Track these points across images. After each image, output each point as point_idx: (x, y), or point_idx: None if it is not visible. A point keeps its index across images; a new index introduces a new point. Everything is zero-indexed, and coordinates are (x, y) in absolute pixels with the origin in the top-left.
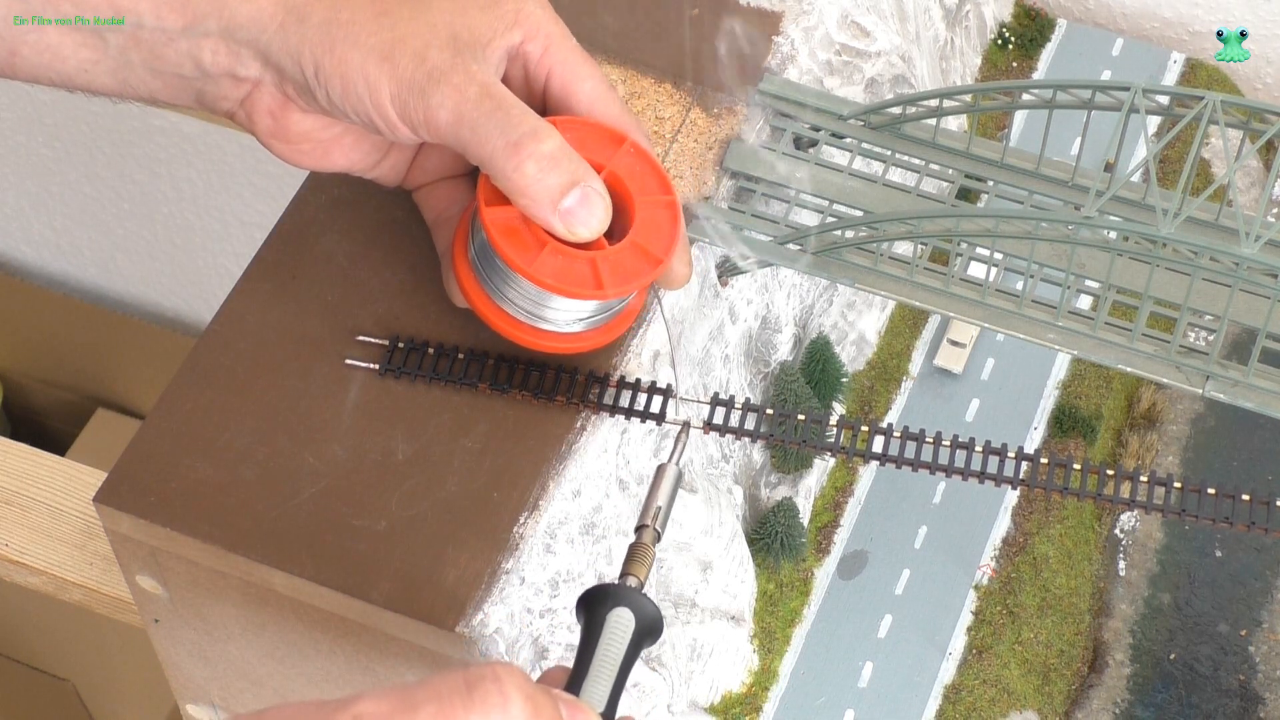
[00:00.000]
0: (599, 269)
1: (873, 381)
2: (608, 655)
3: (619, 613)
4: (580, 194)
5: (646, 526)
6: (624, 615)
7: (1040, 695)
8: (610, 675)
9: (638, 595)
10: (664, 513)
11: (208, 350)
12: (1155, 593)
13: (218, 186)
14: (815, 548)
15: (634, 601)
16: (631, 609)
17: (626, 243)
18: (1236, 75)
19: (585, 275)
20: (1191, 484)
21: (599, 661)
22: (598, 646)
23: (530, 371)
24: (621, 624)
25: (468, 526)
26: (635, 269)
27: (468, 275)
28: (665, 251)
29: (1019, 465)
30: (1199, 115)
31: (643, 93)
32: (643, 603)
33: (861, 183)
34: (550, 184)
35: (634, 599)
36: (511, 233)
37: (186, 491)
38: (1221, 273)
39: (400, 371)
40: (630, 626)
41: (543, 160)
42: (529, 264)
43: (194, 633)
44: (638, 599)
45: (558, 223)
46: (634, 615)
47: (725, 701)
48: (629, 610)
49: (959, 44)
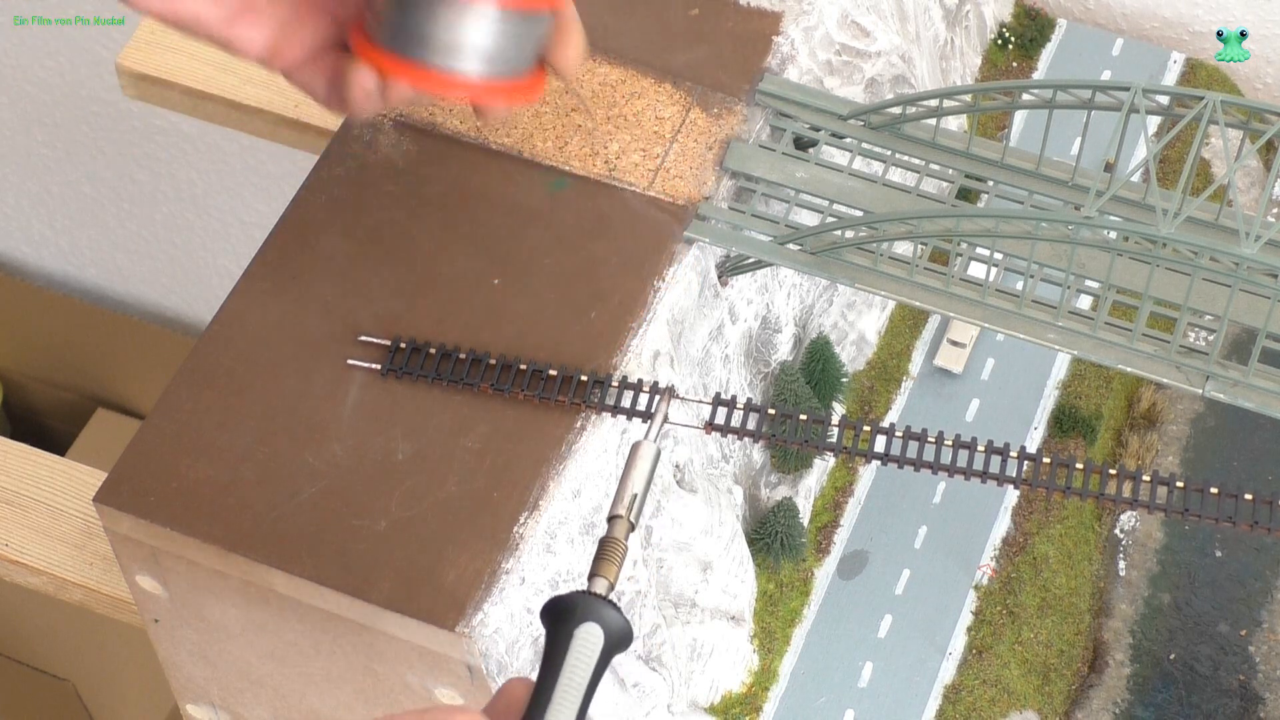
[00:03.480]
0: None
1: (873, 381)
2: (574, 678)
3: (587, 630)
4: None
5: (619, 517)
6: (592, 632)
7: (1040, 695)
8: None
9: (606, 607)
10: (640, 500)
11: (208, 350)
12: (1155, 593)
13: (218, 186)
14: (815, 548)
15: (602, 615)
16: (600, 623)
17: None
18: (1236, 75)
19: None
20: (1194, 484)
21: (564, 685)
22: (563, 668)
23: (532, 372)
24: (589, 642)
25: (468, 526)
26: None
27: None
28: None
29: (1020, 465)
30: (1199, 115)
31: (643, 93)
32: (611, 615)
33: (861, 183)
34: None
35: (602, 612)
36: None
37: (186, 491)
38: (1221, 273)
39: (402, 372)
40: (599, 645)
41: None
42: None
43: (194, 633)
44: (606, 612)
45: None
46: (603, 631)
47: (725, 701)
48: (597, 626)
49: (959, 44)
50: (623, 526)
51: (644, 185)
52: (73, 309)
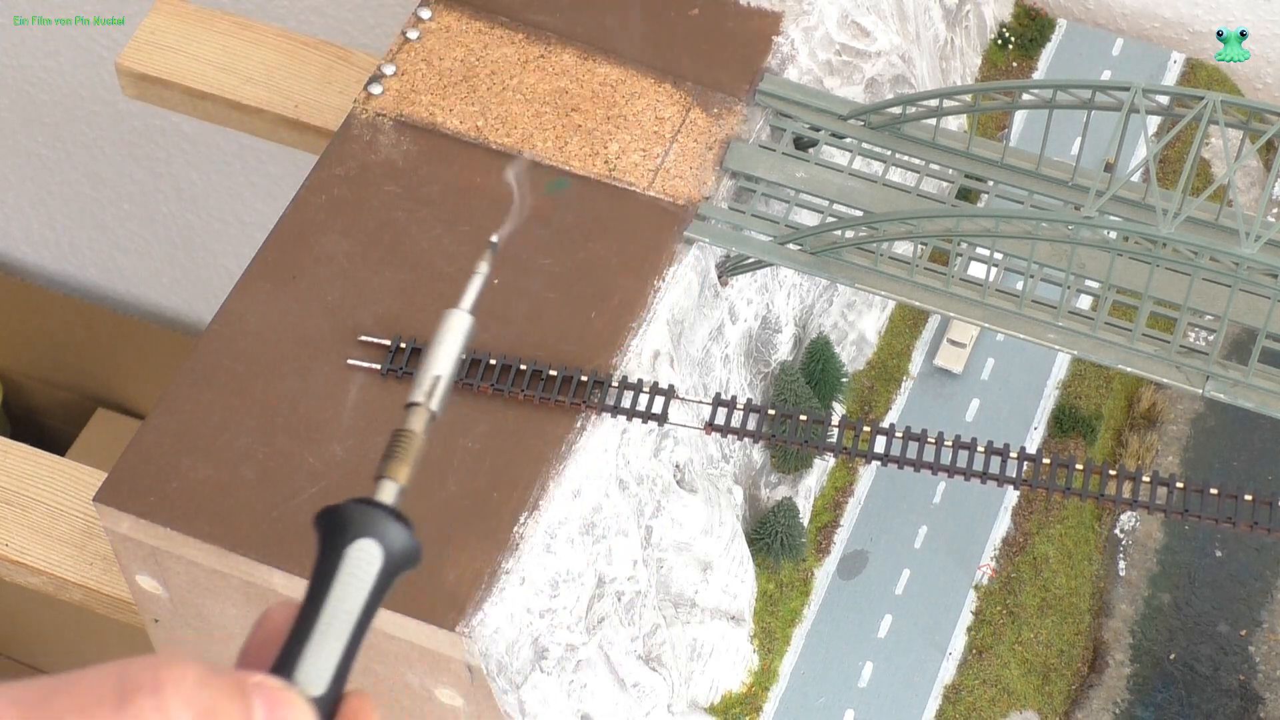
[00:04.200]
0: None
1: (873, 381)
2: (340, 610)
3: (361, 548)
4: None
5: (418, 405)
6: (367, 551)
7: (1040, 695)
8: (341, 637)
9: (387, 519)
10: (444, 384)
11: (208, 350)
12: (1155, 593)
13: (218, 186)
14: (815, 548)
15: (382, 530)
16: (379, 539)
17: None
18: (1236, 75)
19: None
20: (1194, 484)
21: (328, 619)
22: (329, 596)
23: (532, 372)
24: (364, 563)
25: (468, 526)
26: None
27: None
28: None
29: (1020, 465)
30: (1199, 115)
31: (643, 93)
32: (392, 530)
33: (861, 183)
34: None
35: (381, 525)
36: None
37: (186, 491)
38: (1221, 273)
39: (402, 372)
40: (375, 566)
41: None
42: None
43: (194, 633)
44: (387, 525)
45: None
46: (382, 550)
47: (725, 701)
48: (374, 543)
49: (959, 44)
50: (421, 416)
51: (644, 185)
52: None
